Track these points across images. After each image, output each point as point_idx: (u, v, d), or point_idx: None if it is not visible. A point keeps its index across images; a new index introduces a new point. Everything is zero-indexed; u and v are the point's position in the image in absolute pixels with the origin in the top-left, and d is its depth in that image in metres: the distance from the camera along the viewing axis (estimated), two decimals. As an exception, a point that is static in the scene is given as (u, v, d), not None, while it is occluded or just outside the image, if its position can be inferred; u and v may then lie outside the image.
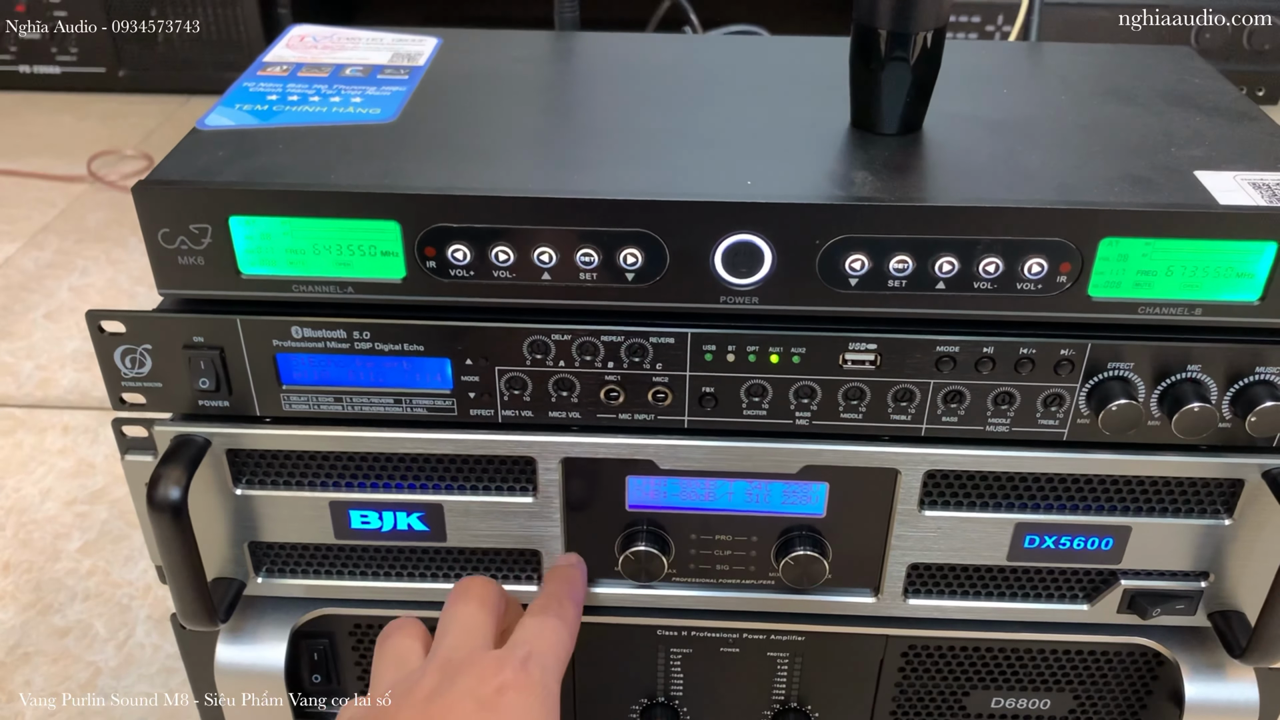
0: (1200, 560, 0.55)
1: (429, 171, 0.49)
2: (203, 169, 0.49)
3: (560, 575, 0.54)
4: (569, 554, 0.56)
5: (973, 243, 0.46)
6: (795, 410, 0.51)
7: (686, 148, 0.52)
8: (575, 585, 0.54)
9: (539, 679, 0.47)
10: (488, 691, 0.46)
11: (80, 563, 0.79)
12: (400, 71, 0.58)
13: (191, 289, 0.50)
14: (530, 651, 0.48)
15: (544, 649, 0.49)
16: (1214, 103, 0.57)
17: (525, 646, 0.48)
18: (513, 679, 0.46)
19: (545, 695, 0.47)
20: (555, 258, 0.48)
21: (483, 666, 0.47)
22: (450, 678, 0.46)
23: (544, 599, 0.52)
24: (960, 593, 0.57)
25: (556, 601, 0.52)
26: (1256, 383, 0.49)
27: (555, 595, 0.53)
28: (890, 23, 0.49)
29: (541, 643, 0.49)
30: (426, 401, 0.52)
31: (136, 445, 0.54)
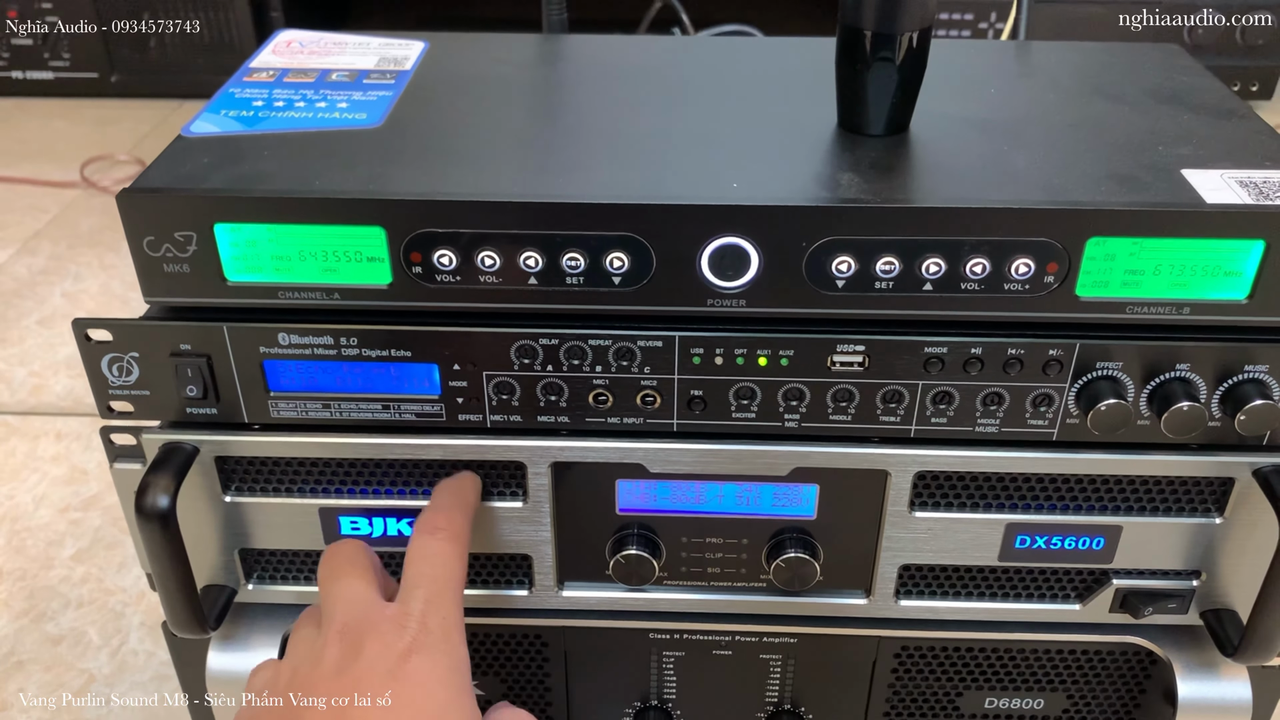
0: (1192, 559, 0.54)
1: (415, 176, 0.48)
2: (187, 176, 0.48)
3: (446, 487, 0.52)
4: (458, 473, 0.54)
5: (959, 244, 0.46)
6: (784, 412, 0.51)
7: (673, 150, 0.51)
8: (464, 495, 0.52)
9: (439, 629, 0.46)
10: (393, 658, 0.45)
11: (73, 570, 0.79)
12: (386, 76, 0.58)
13: (178, 296, 0.50)
14: (426, 597, 0.47)
15: (439, 588, 0.48)
16: (1202, 100, 0.57)
17: (420, 592, 0.47)
18: (415, 640, 0.45)
19: (449, 647, 0.46)
20: (542, 262, 0.48)
21: (383, 632, 0.46)
22: (354, 648, 0.46)
23: (430, 513, 0.51)
24: (952, 593, 0.57)
25: (445, 516, 0.50)
26: (1245, 381, 0.49)
27: (442, 508, 0.51)
28: (875, 23, 0.49)
29: (435, 582, 0.48)
30: (414, 407, 0.52)
31: (125, 453, 0.54)
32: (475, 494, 0.53)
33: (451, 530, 0.50)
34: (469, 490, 0.52)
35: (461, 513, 0.51)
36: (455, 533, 0.50)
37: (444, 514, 0.50)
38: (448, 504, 0.51)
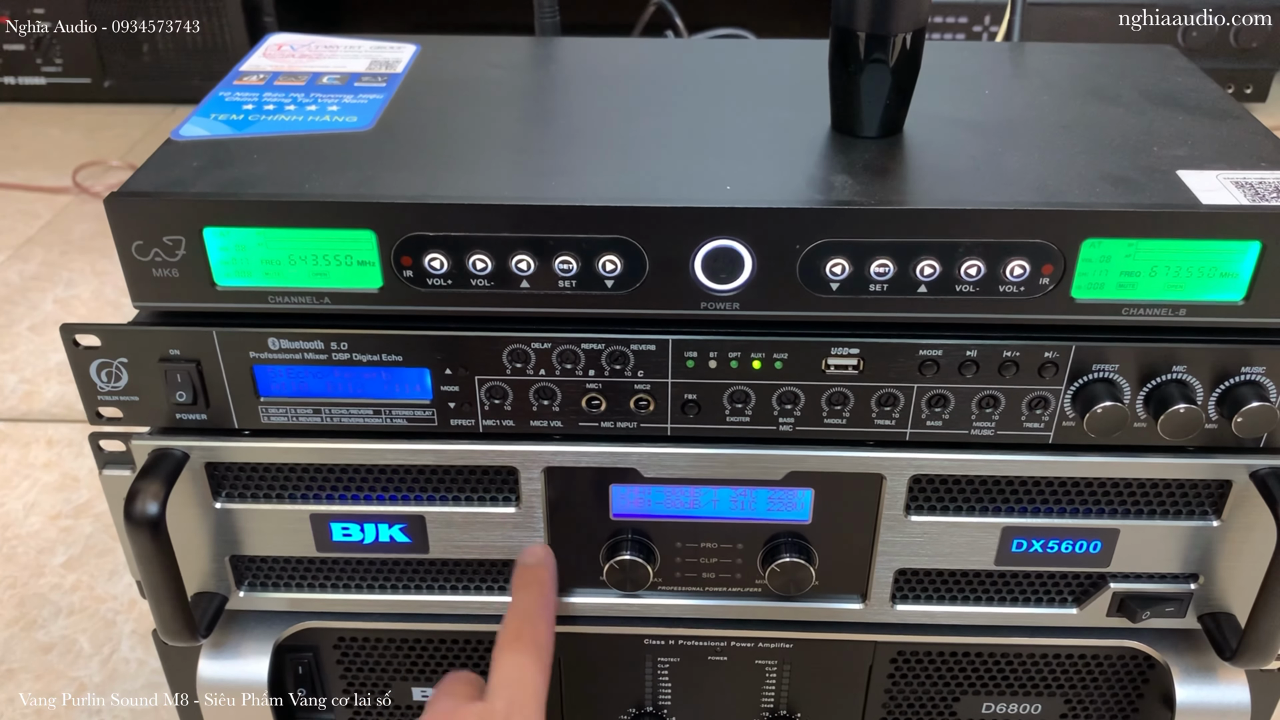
0: (1189, 562, 0.54)
1: (405, 180, 0.48)
2: (176, 180, 0.48)
3: (527, 583, 0.53)
4: (533, 549, 0.54)
5: (954, 245, 0.46)
6: (779, 416, 0.51)
7: (666, 153, 0.51)
8: (545, 595, 0.53)
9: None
10: None
11: (64, 578, 0.79)
12: (378, 79, 0.58)
13: (167, 301, 0.49)
14: (510, 701, 0.48)
15: (524, 696, 0.48)
16: (1197, 101, 0.56)
17: (504, 696, 0.48)
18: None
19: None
20: (534, 266, 0.47)
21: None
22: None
23: (516, 621, 0.51)
24: (948, 598, 0.56)
25: (531, 625, 0.51)
26: (1242, 383, 0.49)
27: (527, 615, 0.51)
28: (868, 25, 0.49)
29: (520, 689, 0.49)
30: (406, 412, 0.51)
31: (114, 459, 0.54)
32: (554, 587, 0.54)
33: (537, 640, 0.50)
34: (550, 586, 0.53)
35: (546, 618, 0.52)
36: (540, 643, 0.50)
37: (529, 622, 0.51)
38: (533, 609, 0.52)
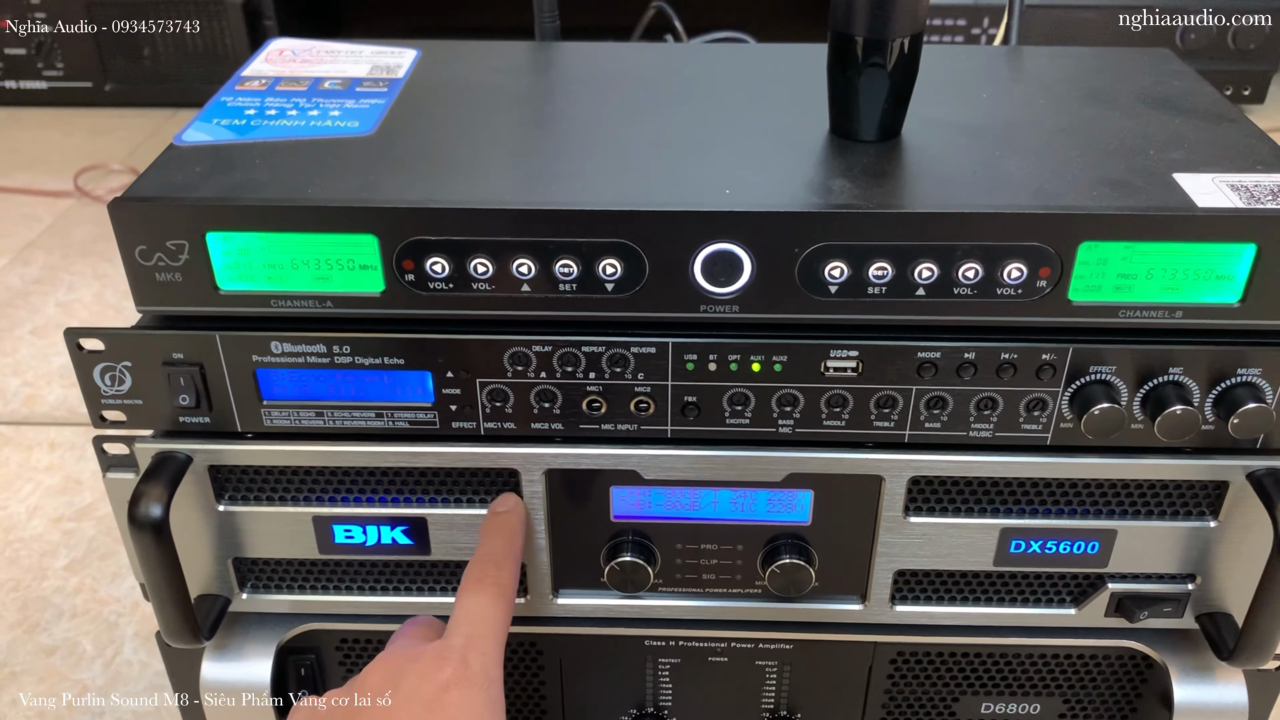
0: (1187, 563, 0.54)
1: (407, 184, 0.48)
2: (179, 185, 0.48)
3: (496, 529, 0.52)
4: (506, 496, 0.54)
5: (951, 248, 0.46)
6: (778, 418, 0.51)
7: (665, 157, 0.51)
8: (513, 541, 0.52)
9: (479, 670, 0.47)
10: (431, 690, 0.46)
11: (67, 580, 0.79)
12: (379, 84, 0.58)
13: (170, 305, 0.49)
14: (468, 637, 0.48)
15: (482, 632, 0.48)
16: (1193, 105, 0.57)
17: (462, 633, 0.48)
18: (454, 676, 0.46)
19: (487, 685, 0.47)
20: (534, 269, 0.48)
21: (423, 664, 0.47)
22: (394, 679, 0.47)
23: (479, 566, 0.51)
24: (947, 598, 0.57)
25: (495, 568, 0.51)
26: (1238, 385, 0.49)
27: (491, 559, 0.51)
28: (866, 29, 0.49)
29: (480, 625, 0.49)
30: (408, 415, 0.52)
31: (118, 463, 0.54)
32: (523, 533, 0.53)
33: (499, 582, 0.50)
34: (518, 532, 0.53)
35: (510, 563, 0.51)
36: (502, 585, 0.50)
37: (493, 565, 0.51)
38: (499, 554, 0.51)
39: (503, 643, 0.50)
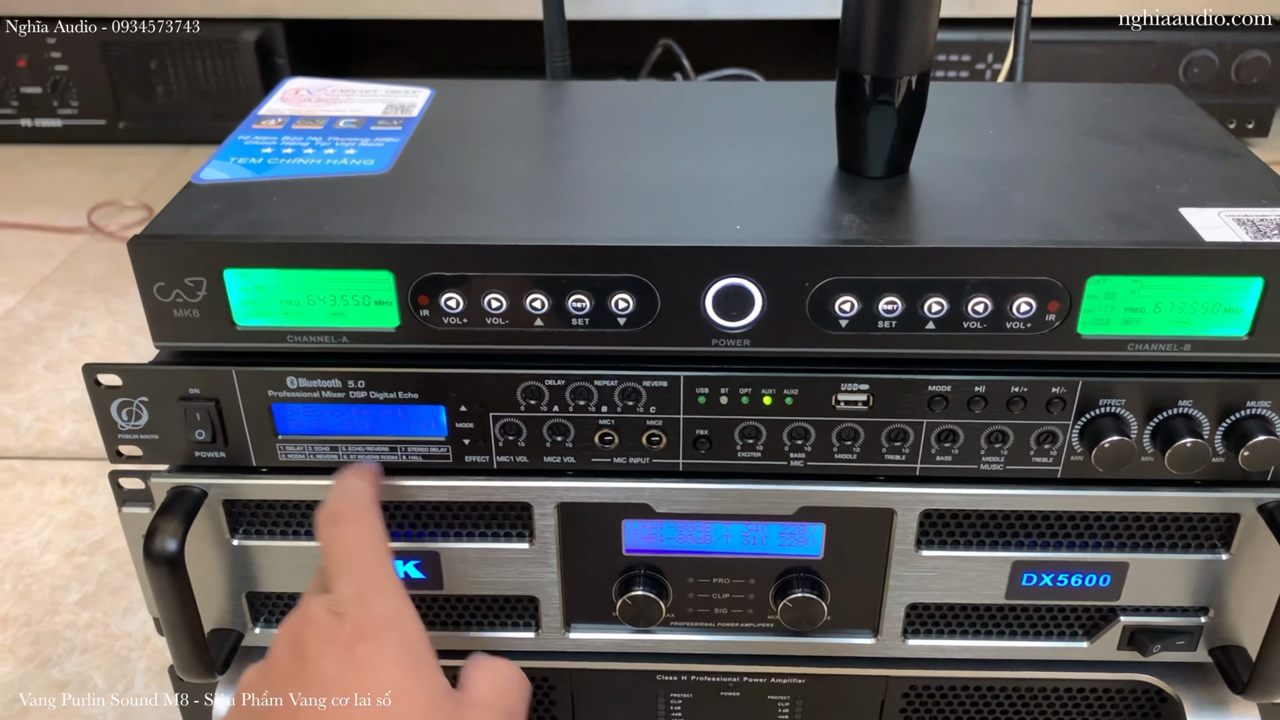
0: (1199, 595, 0.54)
1: (422, 221, 0.49)
2: (197, 223, 0.49)
3: (339, 482, 0.51)
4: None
5: (960, 283, 0.47)
6: (790, 451, 0.52)
7: (676, 193, 0.52)
8: (359, 478, 0.51)
9: (379, 611, 0.45)
10: (337, 652, 0.44)
11: (79, 615, 0.79)
12: (394, 122, 0.59)
13: (187, 341, 0.50)
14: (355, 581, 0.46)
15: (369, 567, 0.47)
16: (1198, 140, 0.57)
17: (345, 578, 0.46)
18: (354, 629, 0.44)
19: (393, 620, 0.45)
20: (547, 304, 0.48)
21: (321, 627, 0.45)
22: (297, 651, 0.45)
23: (326, 505, 0.49)
24: (960, 632, 0.57)
25: (341, 500, 0.49)
26: (1248, 417, 0.49)
27: (335, 496, 0.49)
28: (874, 68, 0.50)
29: (360, 562, 0.47)
30: (421, 449, 0.52)
31: (134, 497, 0.55)
32: (372, 478, 0.51)
33: (353, 511, 0.48)
34: (365, 474, 0.51)
35: (359, 494, 0.49)
36: (357, 512, 0.48)
37: (339, 499, 0.49)
38: (341, 490, 0.50)
39: (390, 568, 0.47)
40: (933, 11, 0.49)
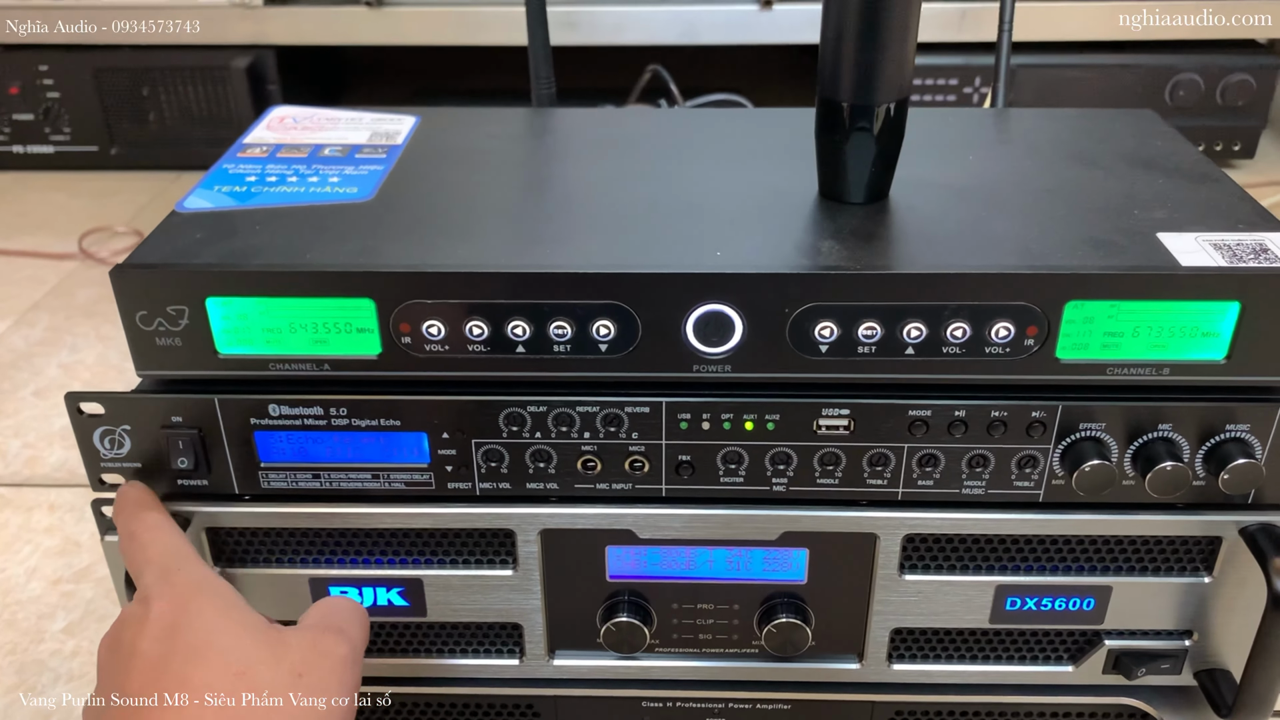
0: (1183, 619, 0.54)
1: (404, 249, 0.49)
2: (180, 251, 0.49)
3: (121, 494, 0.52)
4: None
5: (939, 308, 0.47)
6: (772, 477, 0.52)
7: (657, 220, 0.52)
8: (124, 492, 0.52)
9: (187, 580, 0.46)
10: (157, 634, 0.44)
11: (64, 643, 0.79)
12: (378, 150, 0.60)
13: (170, 370, 0.50)
14: (157, 566, 0.46)
15: (161, 549, 0.47)
16: (1176, 164, 0.58)
17: (149, 571, 0.46)
18: (168, 607, 0.44)
19: (199, 583, 0.46)
20: (529, 331, 0.48)
21: (129, 618, 0.45)
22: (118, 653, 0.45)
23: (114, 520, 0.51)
24: (944, 657, 0.57)
25: (117, 508, 0.51)
26: (1227, 440, 0.50)
27: (115, 504, 0.51)
28: (852, 96, 0.50)
29: (152, 547, 0.47)
30: (404, 476, 0.52)
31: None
32: (144, 491, 0.52)
33: (133, 513, 0.49)
34: (137, 493, 0.52)
35: (133, 499, 0.51)
36: (137, 512, 0.49)
37: (130, 521, 0.50)
38: (119, 502, 0.51)
39: (186, 546, 0.48)
40: (910, 39, 0.49)
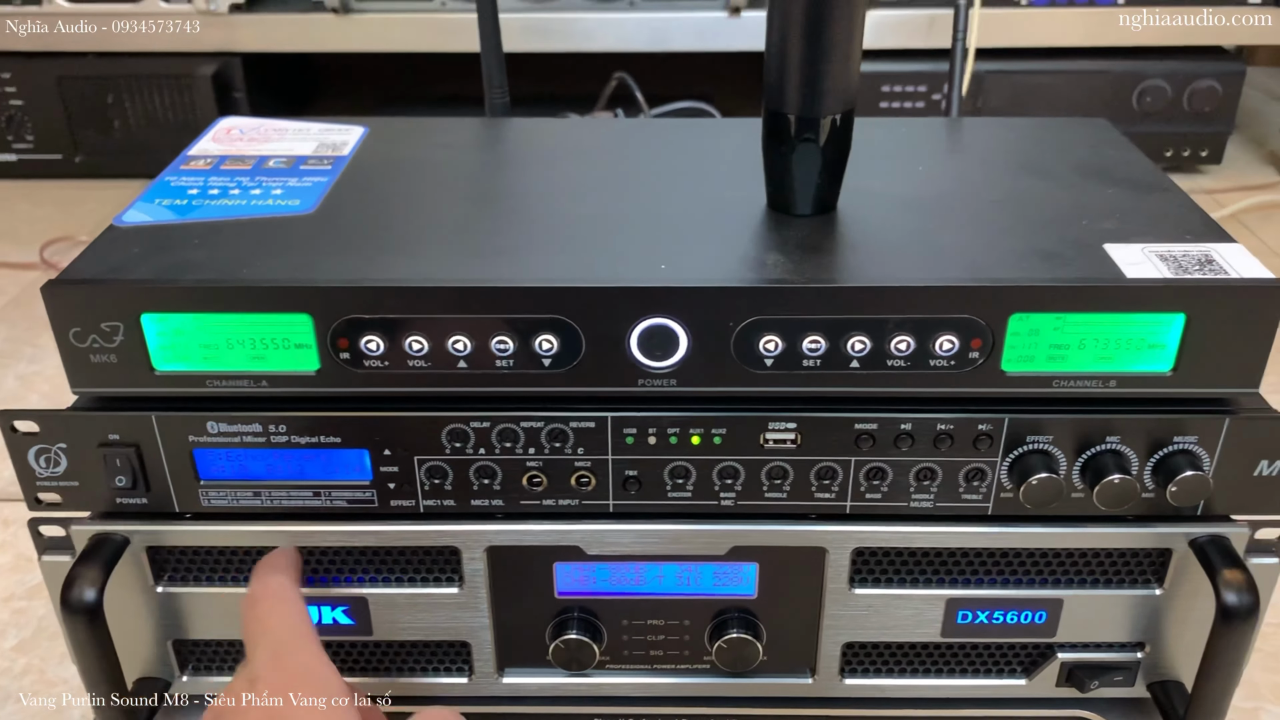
0: (1135, 631, 0.54)
1: (343, 263, 0.49)
2: (114, 267, 0.48)
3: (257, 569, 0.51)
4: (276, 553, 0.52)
5: (882, 322, 0.47)
6: (720, 491, 0.51)
7: (603, 233, 0.52)
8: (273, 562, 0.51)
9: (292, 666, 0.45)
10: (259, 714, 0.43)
11: (14, 661, 0.77)
12: (324, 162, 0.59)
13: (105, 387, 0.49)
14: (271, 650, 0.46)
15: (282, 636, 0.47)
16: (1126, 174, 0.58)
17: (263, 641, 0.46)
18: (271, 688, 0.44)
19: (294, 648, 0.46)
20: (470, 346, 0.48)
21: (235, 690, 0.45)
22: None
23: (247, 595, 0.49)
24: (897, 671, 0.56)
25: (259, 586, 0.49)
26: (1175, 452, 0.49)
27: (254, 580, 0.50)
28: (798, 108, 0.50)
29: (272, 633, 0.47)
30: (346, 493, 0.51)
31: (54, 545, 0.53)
32: (289, 559, 0.51)
33: (270, 593, 0.49)
34: (280, 561, 0.51)
35: (275, 577, 0.50)
36: (275, 593, 0.49)
37: (257, 584, 0.49)
38: (259, 577, 0.50)
39: (310, 632, 0.47)
40: (854, 50, 0.49)
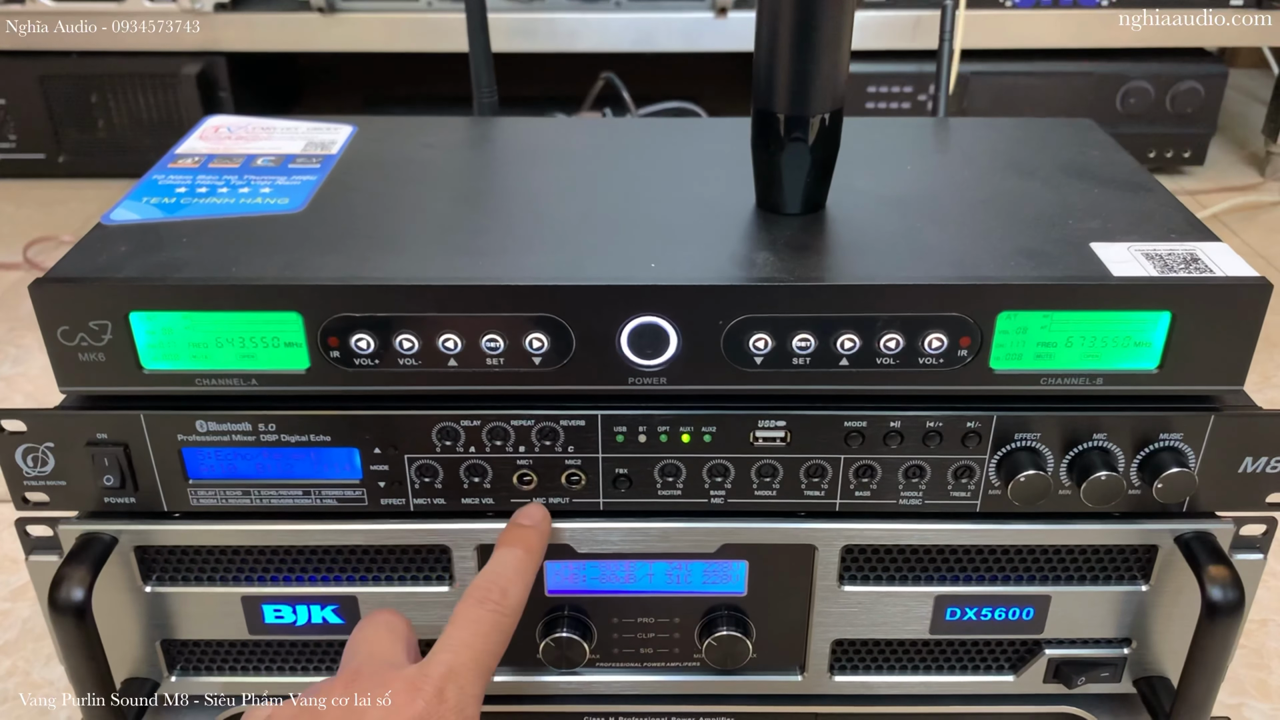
0: (1122, 627, 0.55)
1: (332, 261, 0.49)
2: (103, 265, 0.48)
3: (512, 542, 0.48)
4: (531, 509, 0.50)
5: (871, 320, 0.47)
6: (710, 489, 0.51)
7: (593, 231, 0.52)
8: (526, 559, 0.48)
9: (454, 705, 0.42)
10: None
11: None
12: (312, 160, 0.59)
13: (93, 385, 0.49)
14: (450, 667, 0.43)
15: (465, 661, 0.44)
16: (1112, 174, 0.58)
17: (445, 657, 0.43)
18: (426, 709, 0.41)
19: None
20: (461, 344, 0.48)
21: (395, 693, 0.42)
22: (357, 715, 0.41)
23: (486, 580, 0.47)
24: (886, 668, 0.56)
25: (499, 590, 0.46)
26: (1161, 449, 0.50)
27: (499, 576, 0.47)
28: (787, 107, 0.50)
29: (464, 653, 0.44)
30: (336, 492, 0.51)
31: (41, 545, 0.53)
32: (542, 552, 0.49)
33: (501, 609, 0.46)
34: (536, 553, 0.49)
35: (519, 587, 0.47)
36: (503, 612, 0.46)
37: (498, 589, 0.46)
38: (508, 575, 0.47)
39: (488, 674, 0.45)
40: (843, 49, 0.49)
